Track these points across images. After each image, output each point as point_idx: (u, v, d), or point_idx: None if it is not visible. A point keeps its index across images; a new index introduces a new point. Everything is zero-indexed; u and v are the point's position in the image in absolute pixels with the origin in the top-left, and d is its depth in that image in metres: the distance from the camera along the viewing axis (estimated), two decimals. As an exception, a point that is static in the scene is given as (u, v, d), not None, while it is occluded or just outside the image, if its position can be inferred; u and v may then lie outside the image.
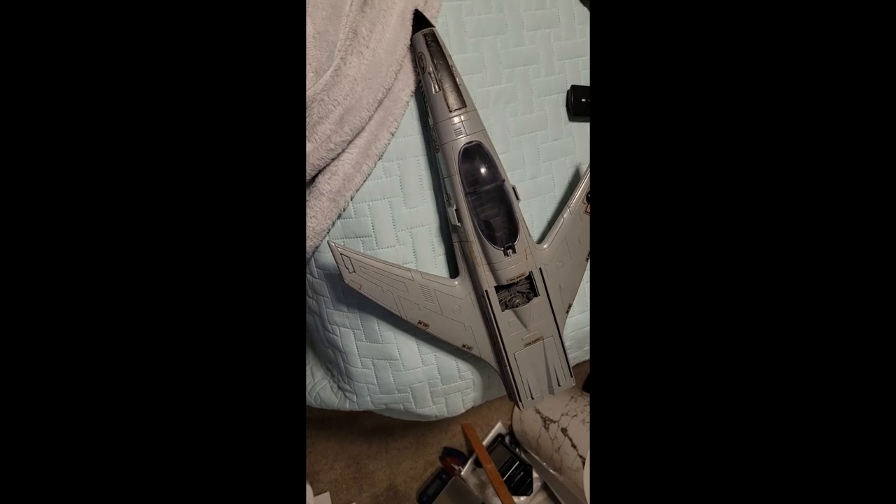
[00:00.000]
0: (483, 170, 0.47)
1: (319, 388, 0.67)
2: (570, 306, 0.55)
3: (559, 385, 0.54)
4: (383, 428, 1.25)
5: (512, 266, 0.49)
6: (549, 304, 0.51)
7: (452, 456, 1.33)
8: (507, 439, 1.37)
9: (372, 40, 0.45)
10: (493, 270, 0.49)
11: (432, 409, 0.60)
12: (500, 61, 0.54)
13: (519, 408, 0.54)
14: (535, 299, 0.51)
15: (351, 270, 0.47)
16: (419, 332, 0.53)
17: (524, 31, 0.54)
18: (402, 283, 0.49)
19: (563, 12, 0.56)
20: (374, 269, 0.48)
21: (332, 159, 0.48)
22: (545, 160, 0.57)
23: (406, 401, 0.59)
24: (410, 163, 0.51)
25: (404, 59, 0.48)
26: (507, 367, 0.52)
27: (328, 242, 0.47)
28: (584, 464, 1.12)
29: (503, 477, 1.25)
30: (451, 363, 0.57)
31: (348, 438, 1.22)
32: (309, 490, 1.13)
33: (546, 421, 1.26)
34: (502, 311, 0.50)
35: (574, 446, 1.17)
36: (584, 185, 0.53)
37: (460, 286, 0.51)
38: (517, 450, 1.34)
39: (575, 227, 0.53)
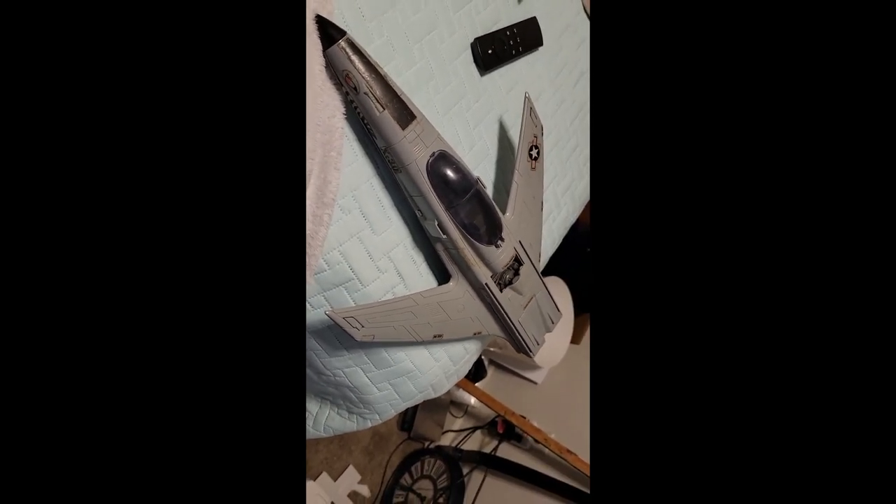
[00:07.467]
0: (455, 178, 0.45)
1: (325, 418, 0.65)
2: (539, 255, 0.59)
3: (553, 323, 0.61)
4: (347, 393, 1.27)
5: (503, 255, 0.50)
6: (533, 266, 0.55)
7: (413, 381, 1.43)
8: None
9: (285, 74, 0.36)
10: (487, 264, 0.50)
11: (447, 386, 0.64)
12: (407, 37, 0.47)
13: (530, 357, 0.61)
14: (522, 269, 0.54)
15: (360, 326, 0.44)
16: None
17: (416, -7, 0.47)
18: (409, 311, 0.48)
19: (443, -44, 0.49)
20: (381, 312, 0.45)
21: (289, 226, 0.40)
22: (474, 126, 0.55)
23: (427, 395, 0.61)
24: (364, 190, 0.45)
25: (324, 81, 0.39)
26: (516, 332, 0.56)
27: (326, 313, 0.42)
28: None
29: (462, 375, 1.40)
30: (459, 347, 0.59)
31: (319, 419, 1.22)
32: (309, 485, 1.14)
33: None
34: (501, 292, 0.53)
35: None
36: (522, 142, 0.53)
37: (457, 287, 0.51)
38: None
39: (528, 185, 0.55)
